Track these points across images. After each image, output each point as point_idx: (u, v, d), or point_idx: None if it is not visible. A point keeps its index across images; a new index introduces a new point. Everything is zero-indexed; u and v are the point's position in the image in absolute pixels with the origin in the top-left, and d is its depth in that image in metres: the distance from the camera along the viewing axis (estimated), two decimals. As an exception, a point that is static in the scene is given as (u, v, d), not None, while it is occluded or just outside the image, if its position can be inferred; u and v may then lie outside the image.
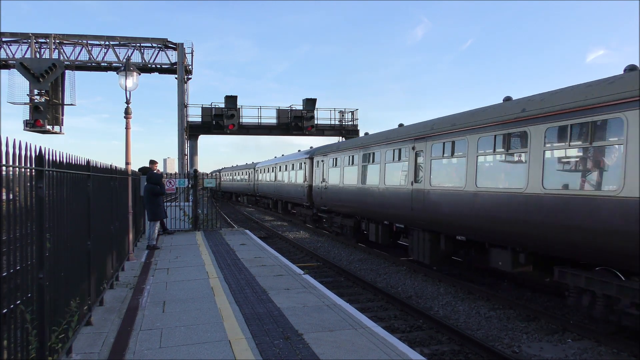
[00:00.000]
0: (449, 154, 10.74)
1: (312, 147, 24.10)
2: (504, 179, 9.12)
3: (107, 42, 26.34)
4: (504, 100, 9.75)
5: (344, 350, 5.28)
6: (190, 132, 30.28)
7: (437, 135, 11.11)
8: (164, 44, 26.94)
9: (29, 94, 20.88)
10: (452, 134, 10.54)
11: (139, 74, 11.96)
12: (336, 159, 18.27)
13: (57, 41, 25.49)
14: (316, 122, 32.11)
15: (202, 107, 31.60)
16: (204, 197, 18.47)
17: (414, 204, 11.93)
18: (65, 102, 21.49)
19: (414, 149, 12.15)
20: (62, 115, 21.80)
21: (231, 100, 30.37)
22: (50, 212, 4.34)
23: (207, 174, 20.45)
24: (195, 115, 31.70)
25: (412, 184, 12.08)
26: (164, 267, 10.28)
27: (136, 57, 26.54)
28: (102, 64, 26.38)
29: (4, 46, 25.24)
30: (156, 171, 14.42)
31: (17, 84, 21.01)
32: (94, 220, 6.40)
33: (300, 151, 27.06)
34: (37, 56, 24.65)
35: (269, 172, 33.48)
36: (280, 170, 29.61)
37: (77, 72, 22.91)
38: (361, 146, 15.89)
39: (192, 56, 28.67)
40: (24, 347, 3.66)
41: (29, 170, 3.83)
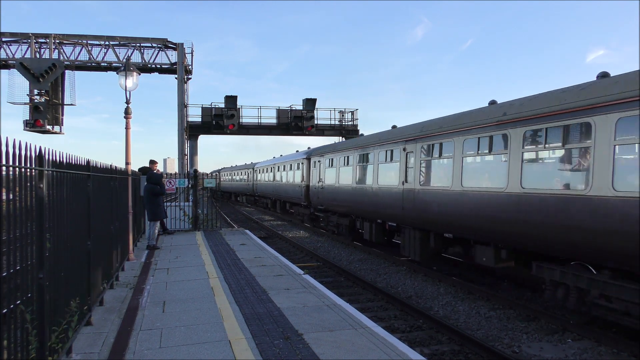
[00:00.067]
0: (437, 155, 11.15)
1: (310, 148, 24.25)
2: (487, 179, 9.55)
3: (107, 42, 26.34)
4: (489, 103, 10.11)
5: (344, 350, 5.28)
6: (190, 132, 30.29)
7: (426, 137, 11.53)
8: (164, 44, 26.94)
9: (29, 94, 20.88)
10: (440, 136, 10.96)
11: (139, 74, 11.96)
12: (332, 159, 18.61)
13: (57, 41, 25.49)
14: (316, 122, 32.12)
15: (202, 107, 31.63)
16: (203, 197, 18.47)
17: (404, 203, 12.30)
18: (65, 102, 21.49)
19: (404, 150, 12.52)
20: (62, 115, 21.80)
21: (231, 100, 30.38)
22: (50, 212, 4.34)
23: (207, 174, 20.44)
24: (195, 115, 31.78)
25: (403, 184, 12.45)
26: (164, 267, 10.29)
27: (136, 57, 26.57)
28: (102, 64, 26.38)
29: (4, 46, 25.24)
30: (156, 171, 14.42)
31: (17, 84, 21.03)
32: (94, 220, 6.41)
33: (298, 151, 27.25)
34: (37, 56, 24.66)
35: (267, 172, 33.57)
36: (278, 170, 29.72)
37: (77, 72, 22.94)
38: (356, 147, 16.27)
39: (192, 56, 28.72)
40: (24, 347, 3.66)
41: (29, 170, 3.83)
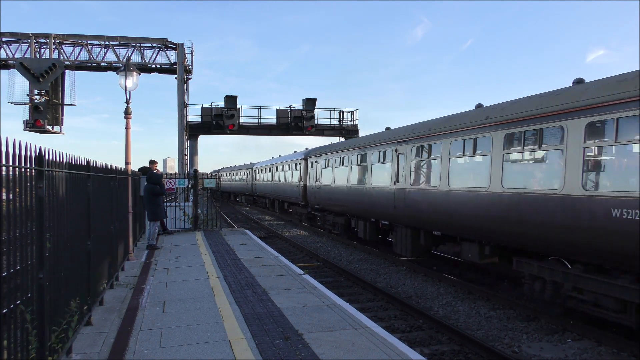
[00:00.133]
0: (426, 156, 11.66)
1: (308, 149, 24.53)
2: (471, 179, 10.00)
3: (107, 42, 26.34)
4: (475, 107, 10.53)
5: (344, 350, 5.28)
6: (190, 132, 30.29)
7: (416, 138, 12.00)
8: (164, 44, 26.94)
9: (29, 94, 20.87)
10: (428, 137, 11.43)
11: (139, 74, 11.97)
12: (328, 160, 19.07)
13: (57, 41, 25.49)
14: (316, 122, 32.13)
15: (202, 107, 31.62)
16: (203, 197, 18.47)
17: (396, 202, 12.72)
18: (65, 102, 21.48)
19: (396, 151, 12.97)
20: (62, 115, 21.79)
21: (231, 100, 30.38)
22: (50, 212, 4.34)
23: (207, 174, 20.45)
24: (195, 115, 31.76)
25: (394, 184, 12.88)
26: (164, 267, 10.29)
27: (136, 57, 26.57)
28: (102, 64, 26.38)
29: (4, 46, 25.24)
30: (156, 171, 14.42)
31: (17, 84, 21.01)
32: (94, 220, 6.41)
33: (296, 152, 27.50)
34: (37, 56, 24.65)
35: (266, 172, 33.77)
36: (277, 170, 29.90)
37: (77, 72, 22.92)
38: (351, 148, 16.74)
39: (192, 56, 28.73)
40: (24, 347, 3.66)
41: (29, 170, 3.82)
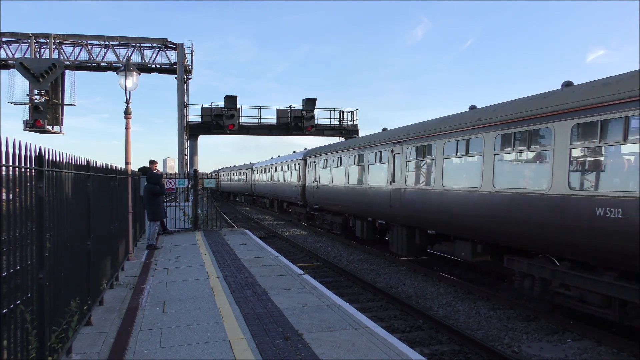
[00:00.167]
0: (421, 157, 11.88)
1: (306, 149, 24.70)
2: (464, 179, 10.19)
3: (107, 42, 26.34)
4: (469, 108, 10.68)
5: (344, 350, 5.28)
6: (190, 132, 30.29)
7: (412, 139, 12.23)
8: (164, 44, 26.95)
9: (28, 94, 20.88)
10: (423, 138, 11.68)
11: (139, 74, 11.96)
12: (327, 160, 19.29)
13: (57, 41, 25.49)
14: (316, 122, 32.15)
15: (202, 107, 31.62)
16: (203, 197, 18.47)
17: (392, 202, 12.94)
18: (65, 102, 21.49)
19: (392, 151, 13.21)
20: (62, 115, 21.80)
21: (231, 100, 30.39)
22: (50, 212, 4.34)
23: (207, 174, 20.46)
24: (195, 115, 31.78)
25: (390, 184, 13.11)
26: (164, 267, 10.28)
27: (136, 57, 26.59)
28: (102, 64, 26.39)
29: (4, 46, 25.24)
30: (156, 171, 14.42)
31: (17, 84, 21.03)
32: (94, 220, 6.40)
33: (295, 152, 27.65)
34: (37, 56, 24.65)
35: (265, 172, 33.88)
36: (276, 170, 30.02)
37: (77, 72, 22.94)
38: (348, 148, 16.98)
39: (192, 56, 28.77)
40: (24, 347, 3.66)
41: (29, 170, 3.82)
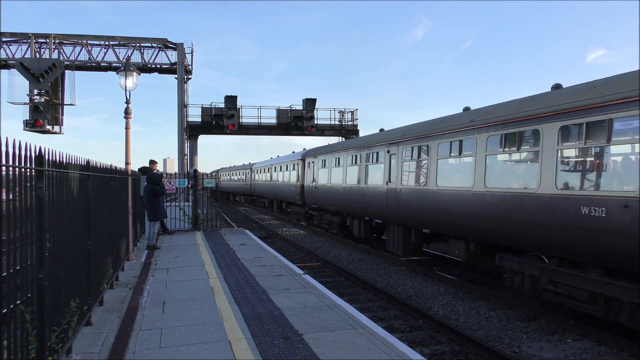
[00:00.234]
0: (416, 157, 12.13)
1: (305, 149, 24.75)
2: (457, 179, 10.41)
3: (107, 42, 26.34)
4: (463, 110, 10.87)
5: (344, 350, 5.28)
6: (190, 132, 30.29)
7: (407, 140, 12.48)
8: (164, 44, 26.94)
9: (28, 94, 20.88)
10: (418, 139, 11.93)
11: (139, 74, 11.96)
12: (325, 160, 19.49)
13: (57, 41, 25.48)
14: (316, 122, 32.15)
15: (202, 107, 31.62)
16: (203, 197, 18.47)
17: (388, 201, 13.18)
18: (65, 102, 21.49)
19: (388, 152, 13.44)
20: (62, 115, 21.81)
21: (231, 100, 30.38)
22: (50, 212, 4.34)
23: (207, 174, 20.46)
24: (195, 115, 31.77)
25: (387, 184, 13.35)
26: (164, 267, 10.28)
27: (136, 57, 26.58)
28: (102, 64, 26.38)
29: (4, 46, 25.23)
30: (156, 171, 14.42)
31: (17, 84, 21.04)
32: (94, 220, 6.40)
33: (294, 152, 27.75)
34: (37, 56, 24.64)
35: (264, 172, 33.99)
36: (275, 170, 30.11)
37: (77, 72, 22.94)
38: (346, 149, 17.20)
39: (192, 56, 28.74)
40: (24, 347, 3.66)
41: (29, 170, 3.82)
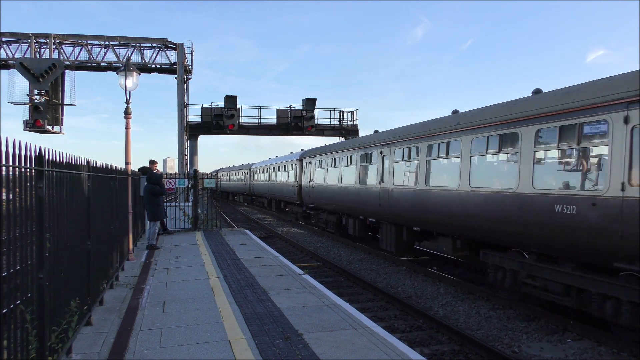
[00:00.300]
0: (407, 158, 12.60)
1: (303, 150, 24.91)
2: (445, 179, 10.82)
3: (107, 42, 26.35)
4: (452, 112, 11.28)
5: (344, 350, 5.28)
6: (190, 132, 30.30)
7: (399, 142, 12.95)
8: (164, 44, 26.95)
9: (28, 94, 20.88)
10: (409, 141, 12.39)
11: (139, 74, 11.96)
12: (321, 161, 19.87)
13: (57, 41, 25.49)
14: (316, 122, 32.18)
15: (202, 107, 31.63)
16: (203, 197, 18.47)
17: (381, 201, 13.63)
18: (65, 102, 21.49)
19: (381, 153, 13.92)
20: (62, 115, 21.81)
21: (231, 100, 30.40)
22: (50, 212, 4.34)
23: (207, 174, 20.47)
24: (195, 115, 31.80)
25: (379, 184, 13.81)
26: (164, 267, 10.28)
27: (136, 57, 26.60)
28: (102, 64, 26.40)
29: (4, 46, 25.23)
30: (156, 171, 14.42)
31: (17, 84, 21.04)
32: (94, 220, 6.40)
33: (292, 153, 27.99)
34: (37, 56, 24.65)
35: (263, 172, 34.21)
36: (273, 171, 30.30)
37: (77, 72, 22.95)
38: (342, 150, 17.67)
39: (192, 56, 28.78)
40: (24, 347, 3.66)
41: (29, 170, 3.82)
